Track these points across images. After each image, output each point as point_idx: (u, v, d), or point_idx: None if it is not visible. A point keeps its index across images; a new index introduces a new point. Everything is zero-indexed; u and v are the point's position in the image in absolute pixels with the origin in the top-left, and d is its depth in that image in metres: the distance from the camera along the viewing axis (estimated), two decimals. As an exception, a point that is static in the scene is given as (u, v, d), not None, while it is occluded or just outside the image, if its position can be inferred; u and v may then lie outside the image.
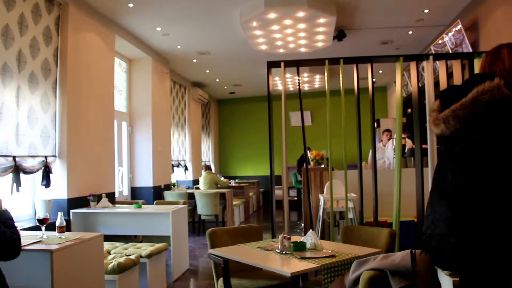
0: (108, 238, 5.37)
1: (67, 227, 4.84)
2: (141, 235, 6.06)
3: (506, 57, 2.09)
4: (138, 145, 8.43)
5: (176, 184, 10.47)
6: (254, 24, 6.82)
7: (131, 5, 6.37)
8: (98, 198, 5.90)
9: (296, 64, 4.87)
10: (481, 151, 1.93)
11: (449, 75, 4.72)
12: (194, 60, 9.73)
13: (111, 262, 4.17)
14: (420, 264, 2.34)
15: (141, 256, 4.66)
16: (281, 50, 8.22)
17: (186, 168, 11.39)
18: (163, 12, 6.78)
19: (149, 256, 4.74)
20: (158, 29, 7.54)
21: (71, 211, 5.54)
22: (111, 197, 6.50)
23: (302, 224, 7.27)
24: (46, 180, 5.24)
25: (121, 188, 7.89)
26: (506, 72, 2.03)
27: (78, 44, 5.94)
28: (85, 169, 6.01)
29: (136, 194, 8.34)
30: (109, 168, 6.76)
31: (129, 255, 4.53)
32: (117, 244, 5.09)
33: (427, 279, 2.36)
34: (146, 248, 4.86)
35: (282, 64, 4.77)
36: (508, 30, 5.63)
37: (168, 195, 8.64)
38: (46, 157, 5.27)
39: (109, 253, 4.70)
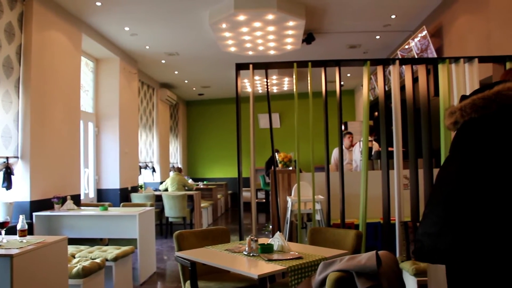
0: (73, 241, 5.26)
1: (30, 231, 4.70)
2: (107, 238, 5.96)
3: None
4: (105, 146, 8.29)
5: (143, 186, 10.35)
6: (224, 25, 6.81)
7: (98, 3, 6.26)
8: (62, 200, 5.77)
9: (264, 66, 4.87)
10: (490, 149, 1.89)
11: (415, 80, 4.81)
12: (163, 61, 9.64)
13: (76, 266, 4.08)
14: (385, 265, 2.38)
15: (106, 260, 4.58)
16: (250, 52, 8.23)
17: (153, 170, 11.27)
18: (131, 11, 6.69)
19: (115, 259, 4.66)
20: (126, 28, 7.44)
21: (34, 214, 5.39)
22: (76, 199, 6.37)
23: (270, 226, 7.29)
24: (7, 182, 5.09)
25: (87, 190, 7.73)
26: None
27: (43, 42, 5.80)
28: (49, 170, 5.86)
29: (102, 196, 8.19)
30: (74, 170, 6.62)
31: (94, 259, 4.44)
32: (82, 247, 4.98)
33: (392, 279, 2.39)
34: (112, 251, 4.78)
35: (251, 66, 4.76)
36: (470, 38, 5.80)
37: (135, 197, 8.52)
38: (7, 158, 5.12)
39: (73, 256, 4.59)
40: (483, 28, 5.45)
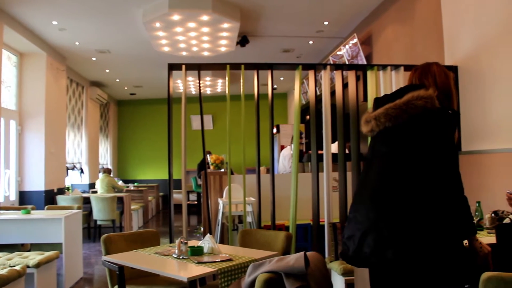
0: (-10, 247, 4.96)
1: None
2: (29, 243, 5.65)
3: (437, 74, 2.22)
4: (29, 146, 7.87)
5: (70, 188, 9.94)
6: (158, 25, 6.69)
7: (23, -5, 5.95)
8: (-21, 203, 5.42)
9: (197, 67, 4.84)
10: (405, 155, 2.02)
11: (345, 85, 4.96)
12: (93, 58, 9.31)
13: (-8, 274, 3.83)
14: (313, 265, 2.42)
15: (28, 266, 4.32)
16: (184, 53, 8.15)
17: (82, 171, 10.86)
18: (60, 4, 6.39)
19: (38, 265, 4.42)
20: (54, 22, 7.11)
21: None
22: (-5, 202, 6.00)
23: (202, 228, 7.24)
24: None
25: (7, 192, 7.31)
26: (437, 86, 2.16)
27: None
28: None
29: (25, 199, 7.77)
30: (-7, 171, 6.23)
31: (14, 266, 4.18)
32: None
33: (319, 280, 2.45)
34: (34, 257, 4.53)
35: (183, 67, 4.71)
36: (396, 46, 6.08)
37: (61, 200, 8.16)
38: None
39: (-11, 264, 4.32)
40: (408, 38, 5.73)
